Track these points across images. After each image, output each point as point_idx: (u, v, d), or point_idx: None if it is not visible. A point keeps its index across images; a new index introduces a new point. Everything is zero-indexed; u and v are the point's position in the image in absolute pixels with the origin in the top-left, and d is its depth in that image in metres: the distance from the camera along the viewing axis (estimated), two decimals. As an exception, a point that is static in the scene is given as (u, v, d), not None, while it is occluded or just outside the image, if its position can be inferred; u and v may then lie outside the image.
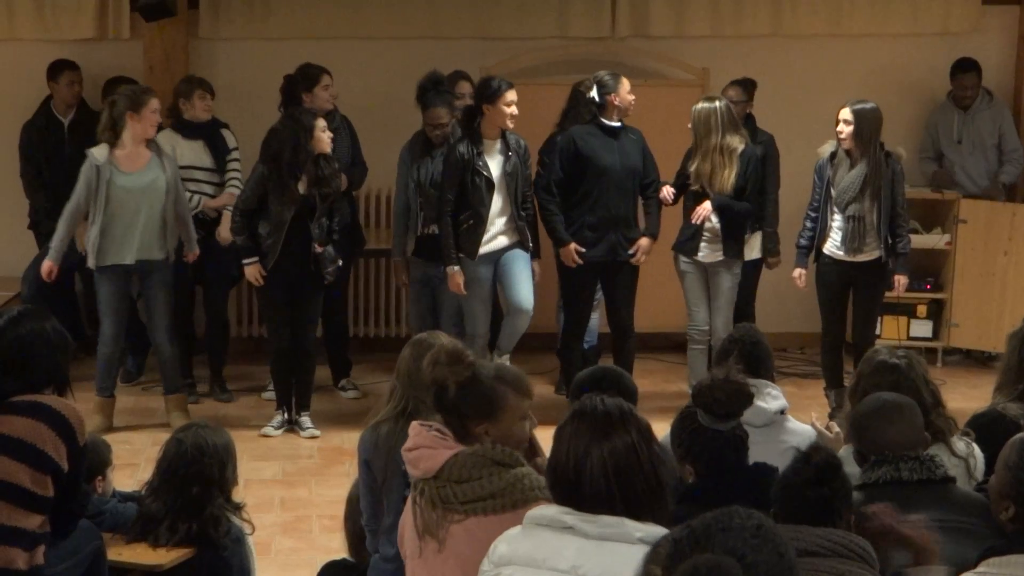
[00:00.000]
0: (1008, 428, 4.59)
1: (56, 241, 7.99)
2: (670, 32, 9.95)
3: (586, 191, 8.21)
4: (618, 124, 8.28)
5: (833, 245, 8.20)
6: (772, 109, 9.68)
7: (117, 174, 7.86)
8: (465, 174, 7.98)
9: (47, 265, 7.99)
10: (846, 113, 8.02)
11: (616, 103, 8.23)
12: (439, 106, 8.24)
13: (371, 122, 9.19)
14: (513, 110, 7.94)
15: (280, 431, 8.24)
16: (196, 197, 8.66)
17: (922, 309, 9.73)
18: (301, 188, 7.95)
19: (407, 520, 4.01)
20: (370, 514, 4.91)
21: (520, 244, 8.22)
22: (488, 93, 7.97)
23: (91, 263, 7.94)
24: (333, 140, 8.12)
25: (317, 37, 9.66)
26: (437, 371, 3.97)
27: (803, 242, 8.28)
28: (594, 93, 8.26)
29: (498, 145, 8.07)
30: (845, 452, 4.65)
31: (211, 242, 8.63)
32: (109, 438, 6.50)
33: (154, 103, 7.93)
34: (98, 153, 7.89)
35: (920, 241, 9.33)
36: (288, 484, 7.43)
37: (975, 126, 9.72)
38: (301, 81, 8.69)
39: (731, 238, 8.36)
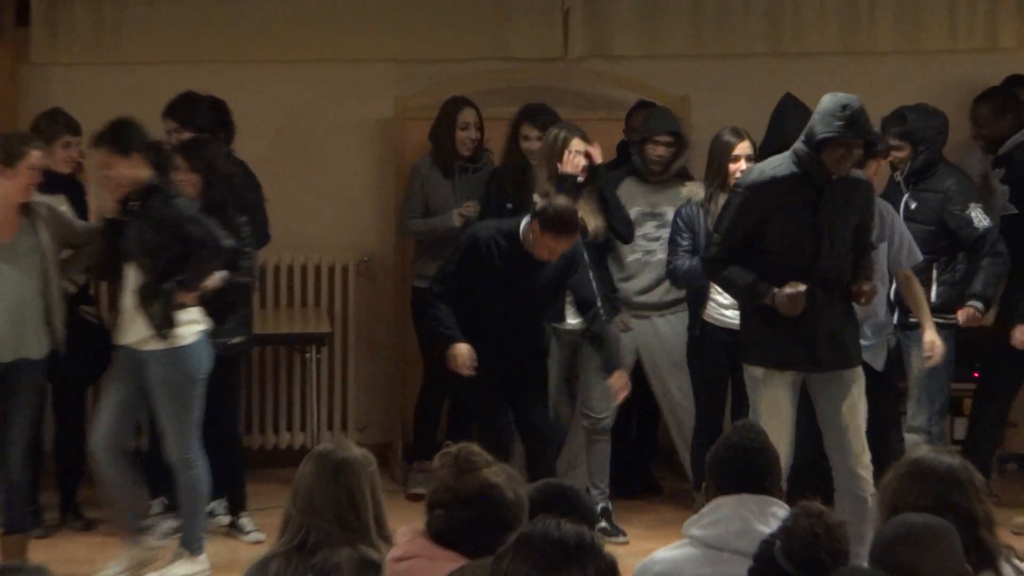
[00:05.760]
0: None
1: None
2: (639, 51, 9.10)
3: None
4: None
5: None
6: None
7: None
8: None
9: None
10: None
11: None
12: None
13: (265, 166, 8.34)
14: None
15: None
16: None
17: (967, 404, 8.55)
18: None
19: None
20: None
21: None
22: None
23: None
24: None
25: (190, 61, 8.79)
26: (487, 474, 3.93)
27: None
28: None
29: None
30: None
31: (71, 321, 7.59)
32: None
33: (34, 157, 7.10)
34: None
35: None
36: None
37: None
38: None
39: None
